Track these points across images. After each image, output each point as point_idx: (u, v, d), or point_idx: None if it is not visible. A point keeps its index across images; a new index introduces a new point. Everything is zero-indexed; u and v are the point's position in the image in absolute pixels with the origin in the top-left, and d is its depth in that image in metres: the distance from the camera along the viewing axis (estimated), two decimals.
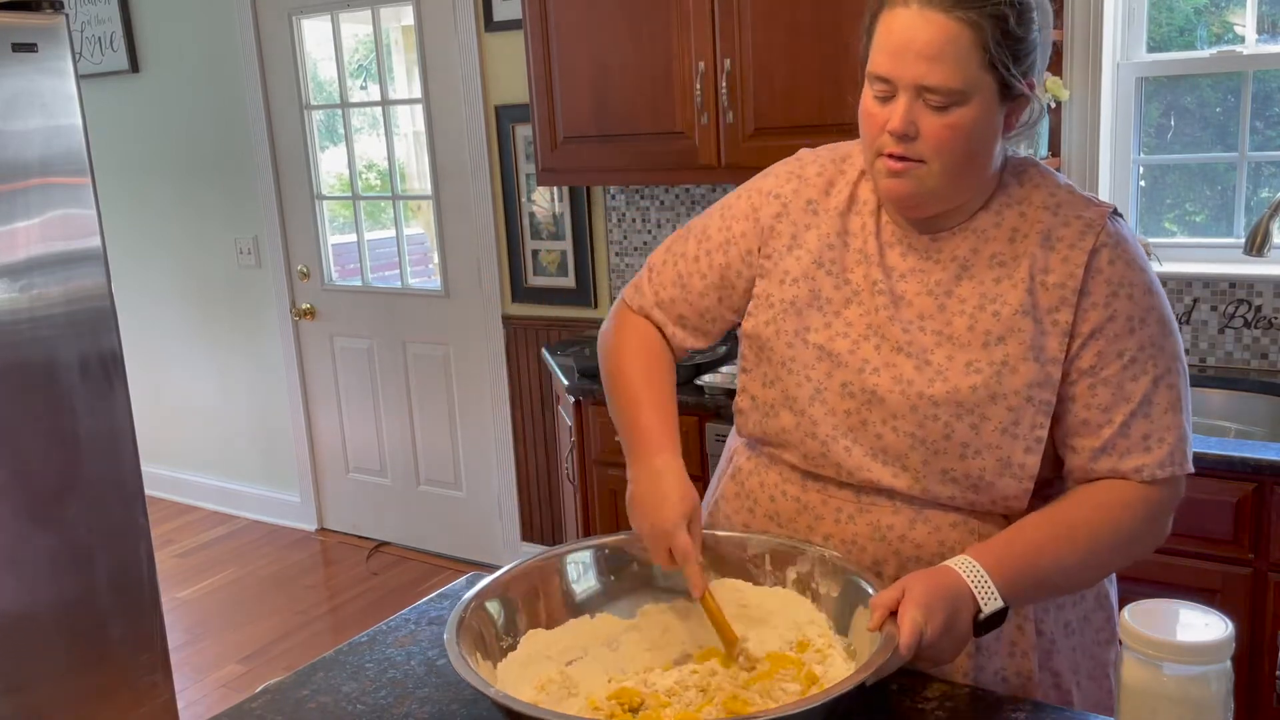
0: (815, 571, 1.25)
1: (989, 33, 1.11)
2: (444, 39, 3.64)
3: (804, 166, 1.36)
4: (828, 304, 1.29)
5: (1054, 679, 1.29)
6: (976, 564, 1.13)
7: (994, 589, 1.11)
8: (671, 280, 1.41)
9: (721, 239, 1.38)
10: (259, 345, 4.43)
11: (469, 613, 1.14)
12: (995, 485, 1.21)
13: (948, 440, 1.21)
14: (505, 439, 3.87)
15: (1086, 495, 1.20)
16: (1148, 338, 1.19)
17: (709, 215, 1.42)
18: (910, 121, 1.14)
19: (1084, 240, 1.19)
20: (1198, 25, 2.68)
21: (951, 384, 1.20)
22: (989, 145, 1.18)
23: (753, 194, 1.38)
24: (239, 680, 3.30)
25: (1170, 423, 1.19)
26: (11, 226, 2.24)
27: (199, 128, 4.32)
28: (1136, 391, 1.18)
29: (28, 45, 2.24)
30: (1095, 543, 1.17)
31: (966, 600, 1.10)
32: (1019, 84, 1.15)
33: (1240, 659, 1.99)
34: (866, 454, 1.26)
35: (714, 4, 2.73)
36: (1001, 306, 1.20)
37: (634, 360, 1.39)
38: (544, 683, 1.16)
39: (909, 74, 1.13)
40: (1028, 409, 1.19)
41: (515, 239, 3.66)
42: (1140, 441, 1.18)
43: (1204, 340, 2.61)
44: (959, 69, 1.11)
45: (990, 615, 1.11)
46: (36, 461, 2.30)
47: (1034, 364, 1.19)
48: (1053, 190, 1.24)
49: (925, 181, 1.17)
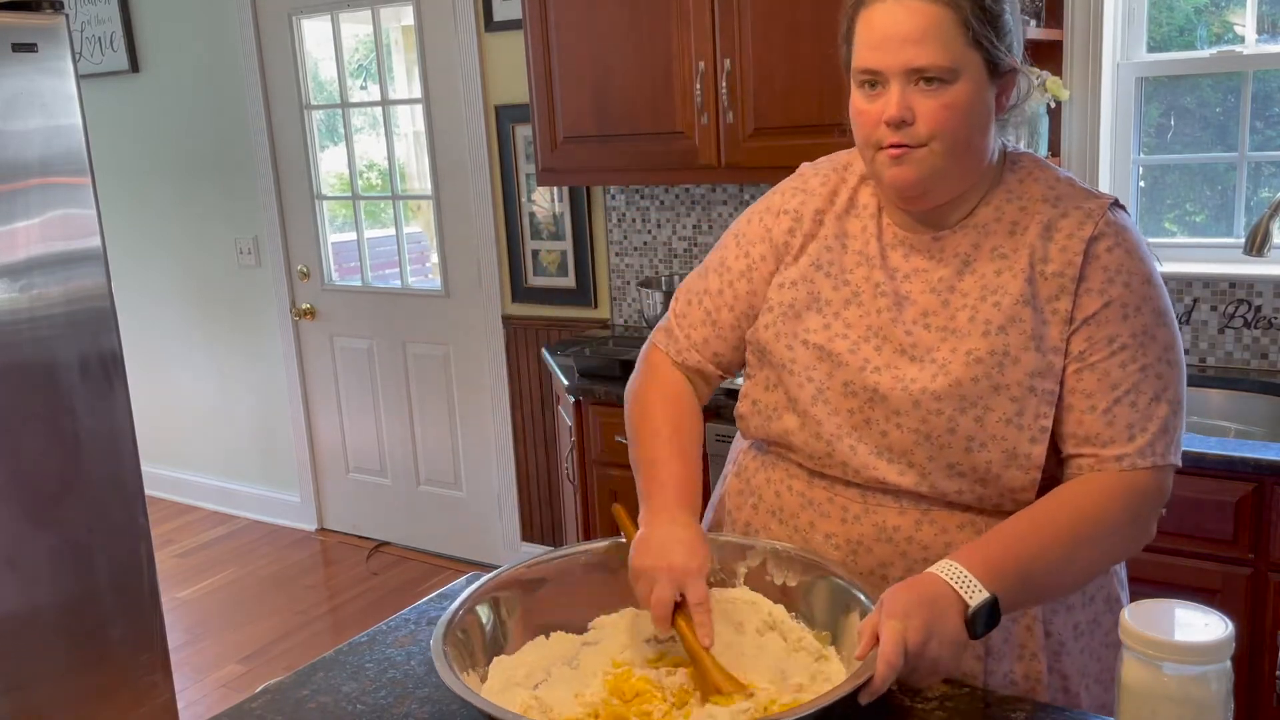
0: (769, 564, 1.26)
1: (968, 10, 1.14)
2: (444, 39, 3.64)
3: (806, 180, 1.37)
4: (826, 305, 1.29)
5: (1063, 681, 1.28)
6: (955, 563, 1.12)
7: (975, 581, 1.10)
8: (700, 320, 1.40)
9: (742, 267, 1.38)
10: (259, 345, 4.43)
11: (447, 642, 1.12)
12: (1002, 477, 1.21)
13: (952, 434, 1.21)
14: (505, 439, 3.87)
15: (1066, 490, 1.20)
16: (1140, 326, 1.18)
17: (724, 247, 1.41)
18: (906, 107, 1.15)
19: (1083, 229, 1.20)
20: (1198, 25, 2.68)
21: (953, 376, 1.20)
22: (985, 124, 1.19)
23: (764, 215, 1.38)
24: (239, 680, 3.30)
25: (1154, 412, 1.18)
26: (11, 226, 2.24)
27: (199, 128, 4.32)
28: (1124, 379, 1.18)
29: (28, 45, 2.24)
30: (1076, 533, 1.16)
31: (948, 598, 1.09)
32: (1005, 59, 1.17)
33: (1240, 659, 1.99)
34: (872, 452, 1.25)
35: (714, 4, 2.73)
36: (1002, 297, 1.21)
37: (661, 412, 1.38)
38: (525, 708, 1.12)
39: (897, 61, 1.14)
40: (1031, 399, 1.19)
41: (515, 239, 3.66)
42: (1124, 430, 1.18)
43: (1204, 340, 2.61)
44: (946, 48, 1.14)
45: (980, 609, 1.08)
46: (36, 461, 2.30)
47: (1035, 353, 1.19)
48: (1052, 183, 1.25)
49: (928, 162, 1.17)
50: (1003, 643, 1.25)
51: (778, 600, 1.25)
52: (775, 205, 1.38)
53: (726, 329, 1.39)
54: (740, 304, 1.37)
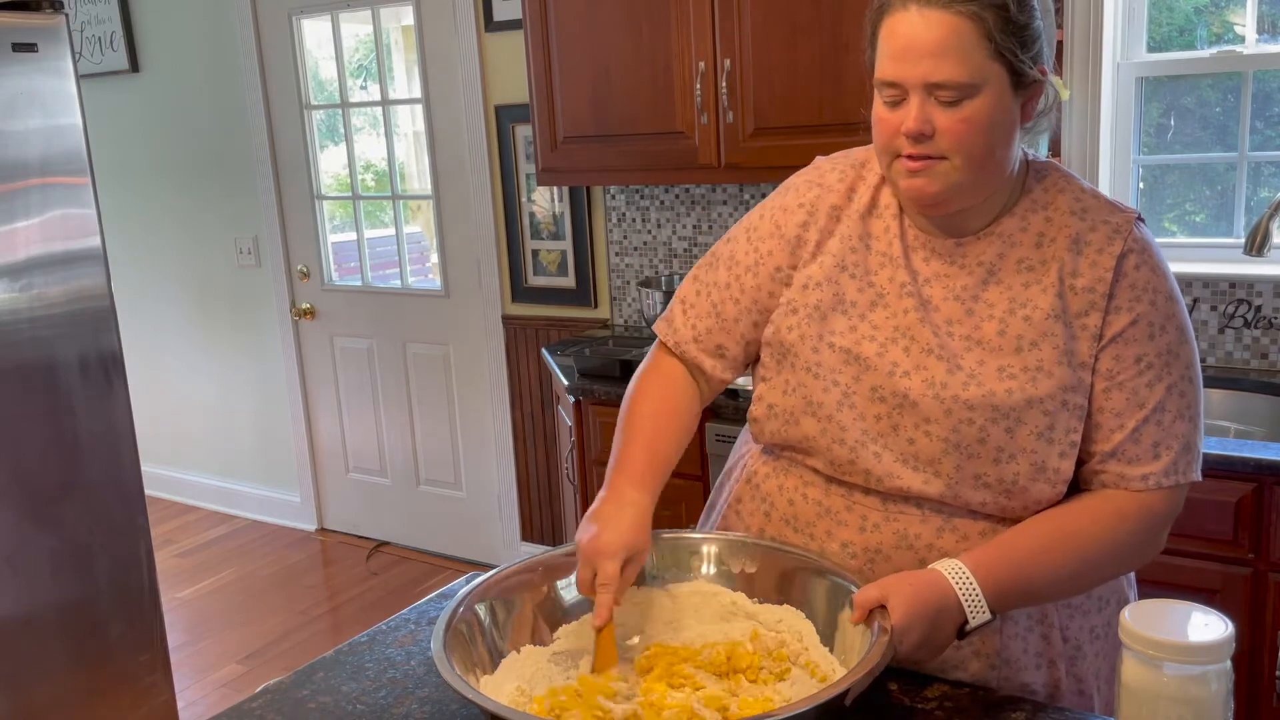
0: (724, 552, 1.29)
1: (991, 22, 1.11)
2: (444, 39, 3.64)
3: (823, 174, 1.35)
4: (852, 307, 1.27)
5: (1078, 684, 1.28)
6: (967, 571, 1.11)
7: (984, 601, 1.10)
8: (706, 311, 1.38)
9: (751, 260, 1.36)
10: (259, 345, 4.43)
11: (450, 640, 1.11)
12: (1029, 490, 1.20)
13: (982, 444, 1.19)
14: (505, 439, 3.87)
15: (1084, 505, 1.19)
16: (1166, 345, 1.18)
17: (734, 241, 1.40)
18: (925, 120, 1.13)
19: (1112, 245, 1.19)
20: (1198, 25, 2.68)
21: (986, 388, 1.19)
22: (1008, 136, 1.17)
23: (775, 211, 1.36)
24: (239, 680, 3.30)
25: (1179, 431, 1.18)
26: (11, 226, 2.24)
27: (199, 128, 4.32)
28: (1151, 398, 1.18)
29: (28, 45, 2.24)
30: (1088, 554, 1.17)
31: (952, 612, 1.09)
32: (1030, 70, 1.14)
33: (1240, 659, 1.99)
34: (897, 460, 1.23)
35: (714, 4, 2.73)
36: (1032, 311, 1.19)
37: (649, 400, 1.37)
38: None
39: (916, 74, 1.12)
40: (1063, 414, 1.18)
41: (515, 239, 3.66)
42: (1150, 449, 1.18)
43: (1204, 340, 2.61)
44: (966, 62, 1.11)
45: (977, 627, 1.11)
46: (36, 461, 2.30)
47: (1067, 368, 1.18)
48: (1078, 195, 1.23)
49: (948, 176, 1.16)
50: (1022, 653, 1.24)
51: (738, 589, 1.27)
52: (790, 202, 1.35)
53: (731, 322, 1.37)
54: (746, 298, 1.35)
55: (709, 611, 1.26)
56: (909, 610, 1.08)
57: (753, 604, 1.25)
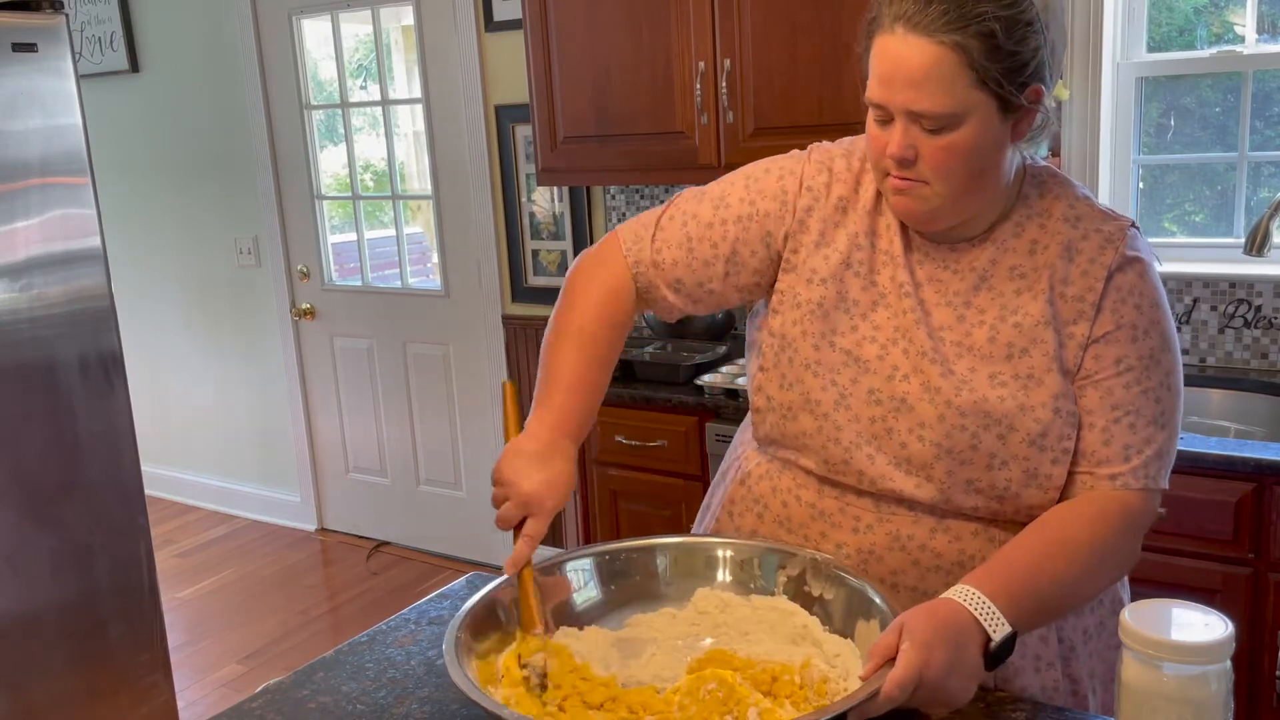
0: (807, 574, 1.24)
1: (975, 51, 1.07)
2: (444, 39, 3.64)
3: (833, 160, 1.31)
4: (854, 306, 1.26)
5: (1072, 685, 1.28)
6: (978, 592, 1.09)
7: (1000, 615, 1.07)
8: (678, 241, 1.33)
9: (742, 211, 1.31)
10: (259, 345, 4.43)
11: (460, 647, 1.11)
12: (1021, 496, 1.20)
13: (975, 450, 1.19)
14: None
15: (1070, 511, 1.19)
16: (1148, 349, 1.18)
17: (730, 183, 1.34)
18: (908, 145, 1.13)
19: (1104, 254, 1.18)
20: (1198, 25, 2.68)
21: (979, 394, 1.19)
22: (995, 160, 1.15)
23: (784, 175, 1.32)
24: (239, 680, 3.30)
25: (1151, 436, 1.18)
26: (11, 226, 2.24)
27: (199, 128, 4.32)
28: (1126, 400, 1.18)
29: (28, 45, 2.24)
30: (1085, 556, 1.16)
31: (972, 632, 1.06)
32: (1016, 98, 1.11)
33: (1240, 659, 1.99)
34: (890, 463, 1.23)
35: (714, 4, 2.73)
36: (1023, 318, 1.19)
37: (591, 310, 1.33)
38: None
39: (899, 100, 1.11)
40: (1055, 421, 1.18)
41: (515, 239, 3.66)
42: (1120, 450, 1.18)
43: (1204, 340, 2.61)
44: (947, 93, 1.09)
45: (1002, 644, 1.07)
46: (36, 461, 2.30)
47: (1058, 375, 1.18)
48: (1072, 202, 1.22)
49: (930, 200, 1.16)
50: (1019, 657, 1.24)
51: (813, 612, 1.23)
52: (800, 175, 1.31)
53: (699, 263, 1.32)
54: (725, 246, 1.31)
55: (783, 631, 1.22)
56: (928, 630, 1.04)
57: (822, 632, 1.20)
